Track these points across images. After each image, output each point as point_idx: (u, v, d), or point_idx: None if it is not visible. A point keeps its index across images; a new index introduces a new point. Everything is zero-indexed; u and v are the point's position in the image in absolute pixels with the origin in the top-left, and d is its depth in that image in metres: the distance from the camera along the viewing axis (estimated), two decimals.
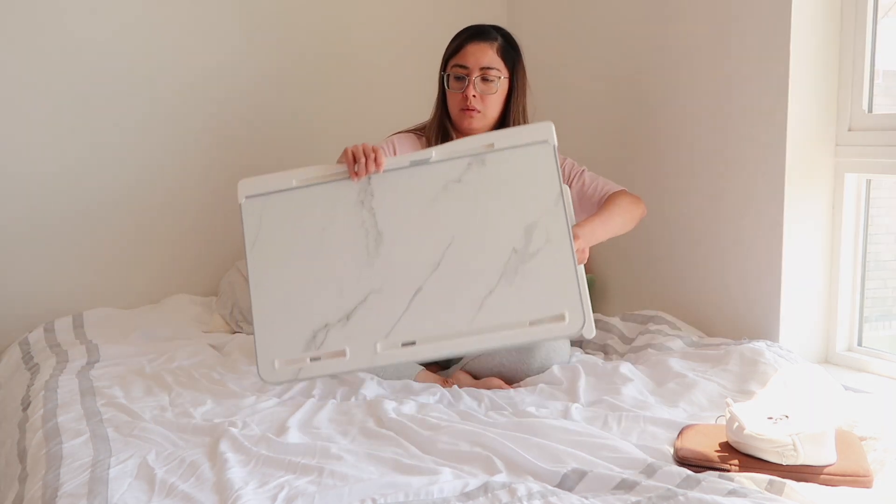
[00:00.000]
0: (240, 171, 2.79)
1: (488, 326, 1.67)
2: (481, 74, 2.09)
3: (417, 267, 1.71)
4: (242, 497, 1.28)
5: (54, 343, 2.25)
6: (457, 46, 2.12)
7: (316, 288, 1.73)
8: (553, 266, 1.68)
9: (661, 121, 2.43)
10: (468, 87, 2.08)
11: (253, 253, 1.79)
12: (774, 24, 2.05)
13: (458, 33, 2.16)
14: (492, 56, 2.10)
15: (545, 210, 1.71)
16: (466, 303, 1.68)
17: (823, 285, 2.15)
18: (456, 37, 2.16)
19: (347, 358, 1.68)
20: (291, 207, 1.79)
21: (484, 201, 1.74)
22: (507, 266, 1.69)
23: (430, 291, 1.70)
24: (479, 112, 2.09)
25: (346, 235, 1.75)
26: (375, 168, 1.77)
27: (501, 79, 2.10)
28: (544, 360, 1.96)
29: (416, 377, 1.98)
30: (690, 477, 1.35)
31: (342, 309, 1.71)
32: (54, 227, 2.58)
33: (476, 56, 2.09)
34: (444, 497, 1.30)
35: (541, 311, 1.66)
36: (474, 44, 2.11)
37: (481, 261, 1.70)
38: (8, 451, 1.66)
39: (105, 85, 2.60)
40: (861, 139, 2.06)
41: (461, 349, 1.70)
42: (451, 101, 2.13)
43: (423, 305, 1.69)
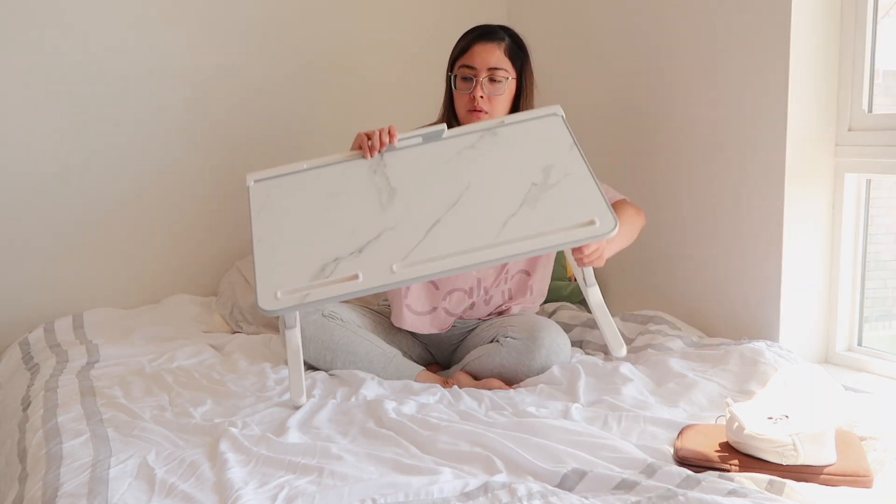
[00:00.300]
0: (240, 171, 2.79)
1: (514, 237, 1.59)
2: (489, 75, 2.07)
3: (434, 205, 1.65)
4: (242, 497, 1.28)
5: (54, 343, 2.25)
6: (464, 47, 2.11)
7: (325, 233, 1.65)
8: (576, 189, 1.66)
9: (661, 120, 2.43)
10: (476, 87, 2.06)
11: (258, 218, 1.71)
12: (774, 24, 2.05)
13: (465, 33, 2.15)
14: (499, 56, 2.08)
15: (560, 154, 1.71)
16: (488, 223, 1.61)
17: (823, 285, 2.15)
18: (463, 37, 2.14)
19: (360, 280, 1.56)
20: (301, 183, 1.75)
21: (499, 156, 1.73)
22: (527, 196, 1.65)
23: (450, 222, 1.63)
24: (486, 113, 2.06)
25: (358, 194, 1.70)
26: (389, 140, 1.77)
27: (509, 79, 2.09)
28: (545, 360, 1.96)
29: (416, 377, 1.99)
30: (690, 477, 1.35)
31: (354, 244, 1.61)
32: (54, 227, 2.58)
33: (483, 56, 2.07)
34: (444, 497, 1.30)
35: (569, 219, 1.61)
36: (482, 44, 2.09)
37: (501, 195, 1.66)
38: (8, 451, 1.66)
39: (105, 85, 2.59)
40: (861, 139, 2.06)
41: (485, 258, 1.58)
42: (459, 101, 2.11)
43: (442, 232, 1.61)
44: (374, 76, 2.95)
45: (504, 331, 2.03)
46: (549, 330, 2.00)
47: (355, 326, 2.05)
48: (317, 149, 2.90)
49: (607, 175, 2.66)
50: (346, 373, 1.96)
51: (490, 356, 2.00)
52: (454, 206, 1.66)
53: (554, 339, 1.99)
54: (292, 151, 2.87)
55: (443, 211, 1.65)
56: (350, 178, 1.73)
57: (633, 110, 2.54)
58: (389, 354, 2.03)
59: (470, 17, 3.08)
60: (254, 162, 2.82)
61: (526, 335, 1.98)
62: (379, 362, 2.00)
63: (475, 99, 2.06)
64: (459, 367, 2.07)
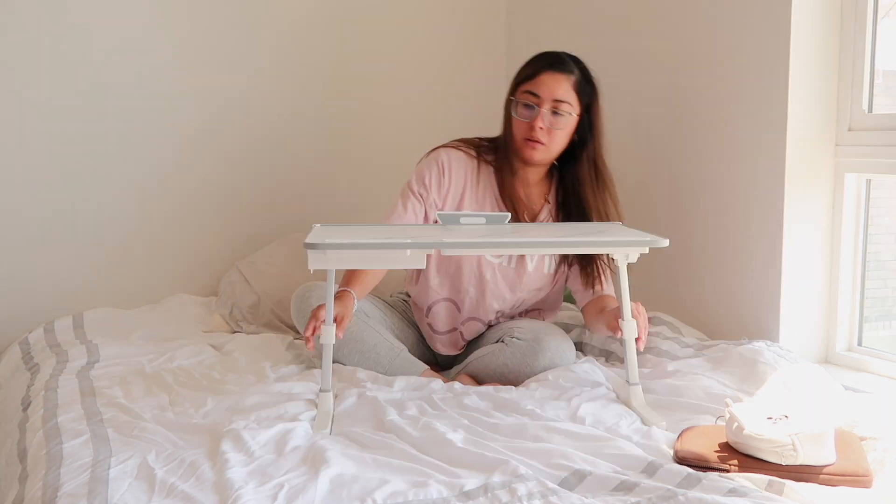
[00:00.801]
0: (240, 171, 2.81)
1: (575, 240, 1.75)
2: (553, 107, 1.99)
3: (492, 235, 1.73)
4: (242, 497, 1.28)
5: (54, 343, 2.25)
6: (531, 73, 2.01)
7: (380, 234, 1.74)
8: (626, 231, 1.86)
9: (661, 121, 2.43)
10: (538, 118, 1.98)
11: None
12: (774, 25, 2.05)
13: (533, 59, 2.05)
14: (566, 89, 2.00)
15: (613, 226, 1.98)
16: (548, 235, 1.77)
17: (823, 285, 2.15)
18: (531, 63, 2.04)
19: (411, 241, 1.62)
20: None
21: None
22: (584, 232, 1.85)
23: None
24: (543, 145, 1.99)
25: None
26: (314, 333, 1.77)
27: (573, 115, 2.01)
28: (548, 363, 1.96)
29: (419, 376, 1.98)
30: (691, 476, 1.35)
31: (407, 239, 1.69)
32: (54, 228, 2.58)
33: (550, 87, 1.99)
34: (443, 497, 1.30)
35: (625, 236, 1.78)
36: (550, 73, 2.00)
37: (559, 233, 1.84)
38: (8, 451, 1.66)
39: (106, 86, 2.60)
40: (861, 139, 2.06)
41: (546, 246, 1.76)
42: (517, 128, 2.02)
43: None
44: (378, 86, 2.96)
45: (510, 331, 2.03)
46: (554, 334, 2.01)
47: (364, 316, 2.05)
48: (316, 149, 2.91)
49: None
50: (348, 371, 1.95)
51: (494, 355, 2.00)
52: (511, 233, 1.74)
53: (559, 343, 1.99)
54: (294, 152, 2.88)
55: (500, 233, 1.72)
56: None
57: (633, 110, 2.54)
58: (396, 349, 2.02)
59: (470, 15, 3.09)
60: (253, 162, 2.83)
61: (531, 337, 1.98)
62: (386, 356, 2.00)
63: (534, 129, 1.98)
64: (461, 368, 2.07)
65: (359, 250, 1.61)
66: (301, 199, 2.90)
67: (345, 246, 1.59)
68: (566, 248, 1.70)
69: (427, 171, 2.07)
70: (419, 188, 2.06)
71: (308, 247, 1.57)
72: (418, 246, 1.61)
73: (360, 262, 1.65)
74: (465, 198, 2.08)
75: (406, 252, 1.61)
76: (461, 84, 3.09)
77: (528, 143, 2.00)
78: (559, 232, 1.83)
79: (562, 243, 1.73)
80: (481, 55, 3.10)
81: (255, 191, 2.83)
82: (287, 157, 2.87)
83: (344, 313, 1.84)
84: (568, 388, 1.84)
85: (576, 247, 1.74)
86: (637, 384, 1.78)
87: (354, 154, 2.97)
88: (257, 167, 2.83)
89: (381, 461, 1.44)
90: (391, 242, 1.62)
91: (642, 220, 2.48)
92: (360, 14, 2.92)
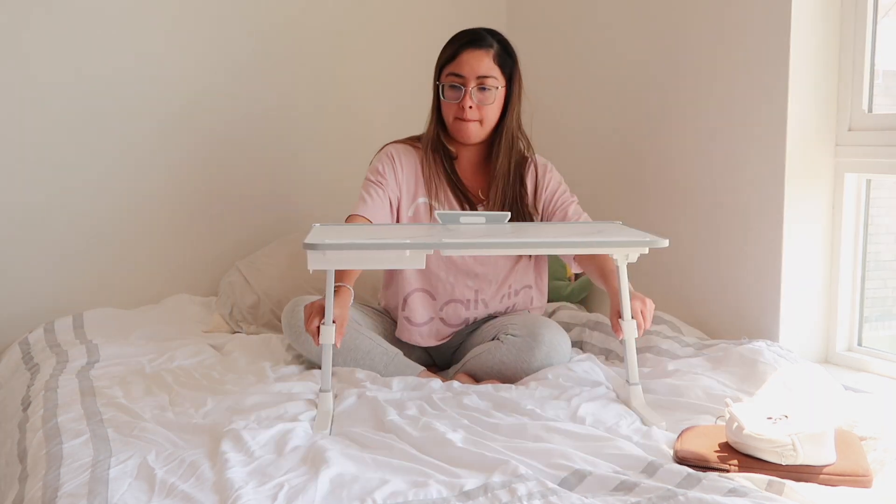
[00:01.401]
0: (240, 171, 2.81)
1: (570, 240, 1.75)
2: (478, 83, 2.04)
3: (488, 235, 1.73)
4: (242, 497, 1.28)
5: (54, 343, 2.25)
6: (452, 54, 2.06)
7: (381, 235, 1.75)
8: (625, 230, 1.83)
9: (661, 121, 2.43)
10: (465, 97, 2.03)
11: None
12: (774, 24, 2.05)
13: (451, 39, 2.10)
14: (488, 64, 2.04)
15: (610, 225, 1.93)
16: (546, 236, 1.74)
17: (823, 285, 2.15)
18: (450, 43, 2.09)
19: (409, 241, 1.63)
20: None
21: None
22: (581, 230, 1.89)
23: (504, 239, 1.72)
24: (475, 121, 2.05)
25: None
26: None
27: (499, 88, 2.06)
28: (544, 358, 1.96)
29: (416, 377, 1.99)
30: (691, 475, 1.35)
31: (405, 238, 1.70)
32: (55, 227, 2.58)
33: (472, 64, 2.03)
34: (443, 497, 1.30)
35: (623, 236, 1.74)
36: (470, 51, 2.04)
37: (556, 233, 1.84)
38: (8, 452, 1.66)
39: (107, 87, 2.60)
40: (861, 139, 2.06)
41: (542, 245, 1.72)
42: (447, 110, 2.08)
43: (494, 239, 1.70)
44: (374, 82, 2.96)
45: (505, 328, 2.03)
46: (549, 328, 2.00)
47: (356, 324, 2.05)
48: (316, 149, 2.91)
49: (608, 174, 2.67)
50: (347, 372, 1.96)
51: (490, 353, 2.00)
52: (506, 235, 1.73)
53: (554, 336, 1.99)
54: (294, 152, 2.88)
55: (499, 233, 1.72)
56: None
57: (633, 110, 2.54)
58: (391, 353, 2.03)
59: (470, 16, 3.09)
60: (253, 163, 2.83)
61: (526, 332, 1.98)
62: (381, 361, 2.00)
63: (464, 108, 2.04)
64: (459, 367, 2.07)
65: (358, 251, 1.62)
66: (301, 199, 2.90)
67: (344, 246, 1.59)
68: (565, 249, 1.72)
69: (379, 163, 2.13)
70: (376, 178, 2.11)
71: (307, 247, 1.57)
72: (418, 246, 1.62)
73: (359, 263, 1.66)
74: (419, 187, 2.13)
75: (405, 252, 1.62)
76: None
77: (460, 122, 2.06)
78: (558, 232, 1.83)
79: (561, 244, 1.74)
80: None
81: (254, 191, 2.83)
82: (287, 156, 2.87)
83: (342, 316, 1.84)
84: (568, 387, 1.84)
85: (575, 247, 1.75)
86: (637, 384, 1.78)
87: (354, 154, 2.96)
88: (257, 167, 2.83)
89: (381, 461, 1.44)
90: (391, 243, 1.63)
91: (642, 219, 2.48)
92: (360, 13, 2.92)
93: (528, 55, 2.20)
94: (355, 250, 1.61)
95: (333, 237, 1.64)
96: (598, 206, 2.57)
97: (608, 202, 2.63)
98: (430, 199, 2.12)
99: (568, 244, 1.75)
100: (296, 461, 1.44)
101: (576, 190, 2.25)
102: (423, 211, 2.13)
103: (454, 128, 2.07)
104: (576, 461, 1.43)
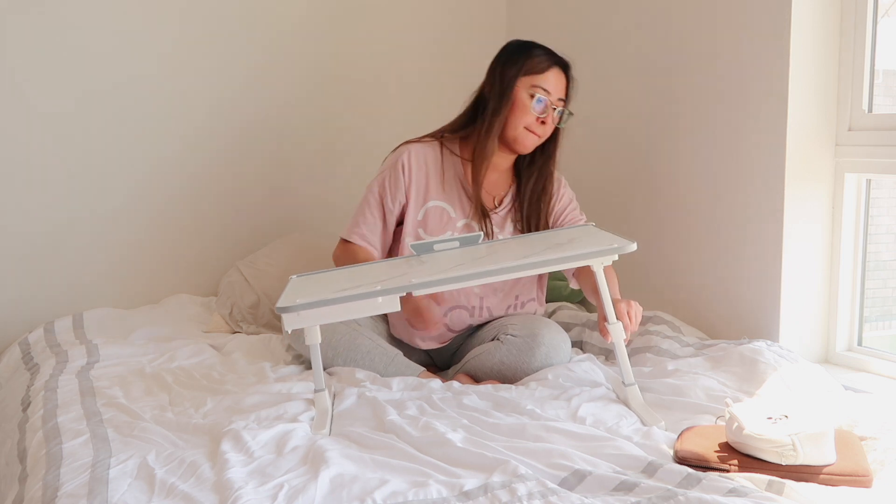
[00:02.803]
0: (240, 171, 2.81)
1: (540, 258, 1.69)
2: (556, 104, 2.07)
3: (461, 261, 1.73)
4: (242, 497, 1.28)
5: (54, 343, 2.25)
6: (543, 68, 2.06)
7: (354, 278, 1.77)
8: (594, 235, 1.81)
9: (661, 120, 2.43)
10: (548, 113, 2.05)
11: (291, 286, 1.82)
12: (774, 24, 2.05)
13: (535, 50, 2.08)
14: (564, 89, 2.09)
15: (584, 229, 1.92)
16: (514, 257, 1.72)
17: (823, 285, 2.15)
18: (535, 54, 2.07)
19: (379, 289, 1.62)
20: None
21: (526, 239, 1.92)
22: (551, 246, 1.77)
23: (474, 266, 1.71)
24: (539, 137, 2.08)
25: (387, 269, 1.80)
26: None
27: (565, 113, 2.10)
28: (544, 358, 1.96)
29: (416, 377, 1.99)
30: (691, 476, 1.35)
31: (378, 281, 1.70)
32: (54, 228, 2.58)
33: (556, 84, 2.06)
34: (443, 497, 1.30)
35: (593, 246, 1.72)
36: (559, 71, 2.07)
37: (526, 248, 1.79)
38: (8, 452, 1.66)
39: (107, 87, 2.60)
40: (861, 139, 2.06)
41: (510, 270, 1.67)
42: (521, 117, 2.05)
43: (466, 268, 1.68)
44: (378, 86, 2.97)
45: (505, 329, 2.03)
46: (549, 328, 2.00)
47: (356, 324, 2.05)
48: (316, 149, 2.91)
49: (608, 174, 2.67)
50: (347, 372, 1.95)
51: (490, 353, 2.00)
52: (480, 258, 1.74)
53: (554, 337, 1.99)
54: (294, 152, 2.88)
55: (469, 260, 1.73)
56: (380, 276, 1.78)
57: (633, 110, 2.54)
58: (391, 354, 2.03)
59: (470, 15, 3.09)
60: (253, 162, 2.83)
61: (526, 333, 1.98)
62: (380, 361, 2.00)
63: (544, 123, 2.06)
64: (459, 368, 2.07)
65: (331, 305, 1.63)
66: (301, 199, 2.90)
67: (316, 304, 1.61)
68: (537, 269, 1.66)
69: (389, 172, 2.13)
70: (380, 193, 2.13)
71: (281, 311, 1.60)
72: (388, 293, 1.62)
73: (334, 316, 1.68)
74: (431, 189, 2.13)
75: (378, 299, 1.63)
76: (461, 84, 3.08)
77: (530, 133, 2.06)
78: (529, 248, 1.80)
79: (532, 264, 1.68)
80: (481, 55, 3.09)
81: (255, 191, 2.83)
82: (287, 156, 2.88)
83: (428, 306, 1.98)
84: (568, 387, 1.84)
85: (547, 265, 1.70)
86: (633, 384, 1.78)
87: (354, 154, 2.97)
88: (257, 167, 2.84)
89: (380, 461, 1.44)
90: (361, 293, 1.63)
91: (642, 219, 2.49)
92: (360, 13, 2.92)
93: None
94: (328, 306, 1.63)
95: (306, 293, 1.66)
96: (598, 206, 2.57)
97: (608, 202, 2.63)
98: (445, 201, 2.12)
99: (539, 263, 1.69)
100: (296, 461, 1.44)
101: (576, 189, 2.25)
102: (435, 215, 2.12)
103: (520, 135, 2.07)
104: (576, 461, 1.43)
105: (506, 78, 2.07)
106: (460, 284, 1.64)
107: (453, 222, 2.12)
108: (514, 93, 2.06)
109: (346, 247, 2.14)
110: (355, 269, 1.90)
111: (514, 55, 2.09)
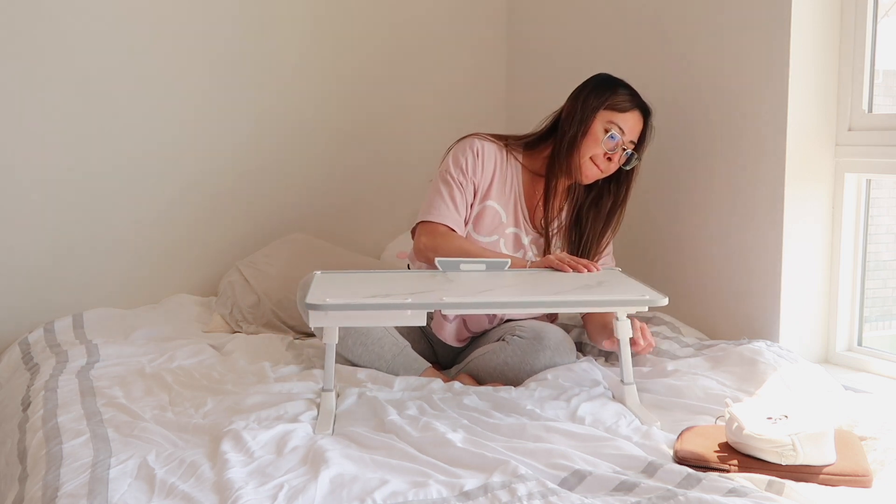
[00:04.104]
0: (240, 171, 2.81)
1: (571, 298, 1.69)
2: (628, 146, 2.08)
3: (490, 285, 1.72)
4: (242, 497, 1.28)
5: (54, 343, 2.25)
6: (624, 107, 2.06)
7: (384, 285, 1.76)
8: (624, 282, 1.81)
9: (661, 121, 2.43)
10: (617, 152, 2.06)
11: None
12: (774, 25, 2.05)
13: (621, 88, 2.08)
14: (639, 133, 2.10)
15: (611, 274, 1.93)
16: (545, 293, 1.71)
17: (823, 285, 2.15)
18: (620, 92, 2.08)
19: (410, 301, 1.60)
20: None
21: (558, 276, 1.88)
22: (582, 286, 1.76)
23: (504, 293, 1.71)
24: (601, 172, 2.08)
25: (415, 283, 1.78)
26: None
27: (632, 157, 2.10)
28: (549, 360, 1.96)
29: (420, 374, 1.99)
30: (691, 476, 1.35)
31: (408, 292, 1.68)
32: (54, 228, 2.58)
33: (633, 126, 2.07)
34: (443, 497, 1.30)
35: (623, 294, 1.72)
36: (638, 115, 2.08)
37: (557, 285, 1.77)
38: (8, 452, 1.66)
39: (107, 87, 2.60)
40: (861, 139, 2.06)
41: (540, 305, 1.68)
42: (591, 147, 2.05)
43: (496, 294, 1.68)
44: (377, 87, 2.97)
45: (511, 330, 2.03)
46: (556, 333, 2.01)
47: None
48: (316, 149, 2.91)
49: None
50: (348, 371, 1.95)
51: (495, 353, 2.00)
52: (508, 287, 1.73)
53: (560, 341, 1.99)
54: (294, 151, 2.88)
55: (498, 286, 1.71)
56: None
57: None
58: (400, 344, 2.03)
59: (471, 20, 3.09)
60: (253, 162, 2.82)
61: (532, 335, 1.99)
62: (390, 350, 2.00)
63: (610, 160, 2.06)
64: (462, 367, 2.07)
65: (360, 311, 1.63)
66: (301, 199, 2.90)
67: (346, 307, 1.60)
68: (568, 308, 1.72)
69: (462, 156, 2.10)
70: (458, 175, 2.08)
71: (310, 307, 1.58)
72: (419, 307, 1.62)
73: (360, 321, 1.69)
74: (493, 189, 2.11)
75: (407, 311, 1.63)
76: (461, 86, 3.09)
77: (594, 166, 2.07)
78: (559, 285, 1.78)
79: (565, 303, 1.70)
80: (481, 57, 3.10)
81: (255, 191, 2.83)
82: (287, 156, 2.87)
83: None
84: (567, 387, 1.84)
85: (578, 306, 1.73)
86: (631, 383, 1.78)
87: (354, 154, 2.97)
88: (257, 167, 2.84)
89: (380, 461, 1.44)
90: (392, 303, 1.62)
91: (642, 219, 2.49)
92: (360, 15, 2.92)
93: (527, 55, 2.20)
94: (357, 310, 1.63)
95: (335, 292, 1.65)
96: None
97: None
98: (500, 204, 2.12)
99: (569, 303, 1.71)
100: (296, 461, 1.44)
101: None
102: (489, 215, 2.11)
103: (584, 165, 2.07)
104: (576, 461, 1.43)
105: (587, 107, 2.07)
106: (491, 310, 1.62)
107: (503, 228, 2.12)
108: (591, 123, 2.06)
109: (434, 230, 2.05)
110: (384, 275, 1.89)
111: (601, 87, 2.09)
